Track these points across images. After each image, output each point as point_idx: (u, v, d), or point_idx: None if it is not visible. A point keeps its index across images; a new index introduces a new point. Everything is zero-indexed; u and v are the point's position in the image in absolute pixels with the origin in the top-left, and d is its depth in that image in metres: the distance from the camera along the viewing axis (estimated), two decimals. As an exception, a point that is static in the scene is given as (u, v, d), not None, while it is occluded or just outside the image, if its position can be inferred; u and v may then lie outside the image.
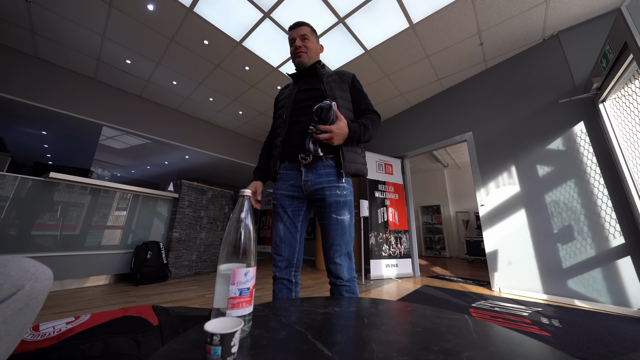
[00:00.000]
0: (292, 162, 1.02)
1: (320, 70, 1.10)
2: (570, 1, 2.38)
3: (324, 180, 0.97)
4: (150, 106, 4.24)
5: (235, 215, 0.53)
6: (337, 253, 0.93)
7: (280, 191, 1.01)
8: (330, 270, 0.94)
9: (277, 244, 0.99)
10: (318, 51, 1.17)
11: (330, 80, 1.09)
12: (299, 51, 1.09)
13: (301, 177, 0.98)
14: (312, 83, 1.10)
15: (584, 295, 2.18)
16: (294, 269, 0.99)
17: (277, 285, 0.97)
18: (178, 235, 3.29)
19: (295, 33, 1.11)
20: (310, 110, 0.96)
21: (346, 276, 0.93)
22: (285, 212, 1.00)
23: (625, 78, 1.93)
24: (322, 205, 0.97)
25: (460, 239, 6.64)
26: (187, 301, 2.10)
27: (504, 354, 0.42)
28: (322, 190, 0.96)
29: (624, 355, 1.25)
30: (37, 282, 0.53)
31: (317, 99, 1.03)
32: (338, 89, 1.07)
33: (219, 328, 0.38)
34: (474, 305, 2.12)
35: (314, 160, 0.98)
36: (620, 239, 2.08)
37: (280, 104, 1.14)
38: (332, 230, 0.94)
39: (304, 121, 1.00)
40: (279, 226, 1.00)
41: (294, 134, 1.01)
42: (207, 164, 5.78)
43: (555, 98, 2.62)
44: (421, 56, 3.14)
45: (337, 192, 0.96)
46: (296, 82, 1.14)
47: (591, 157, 2.32)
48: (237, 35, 2.88)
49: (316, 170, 0.98)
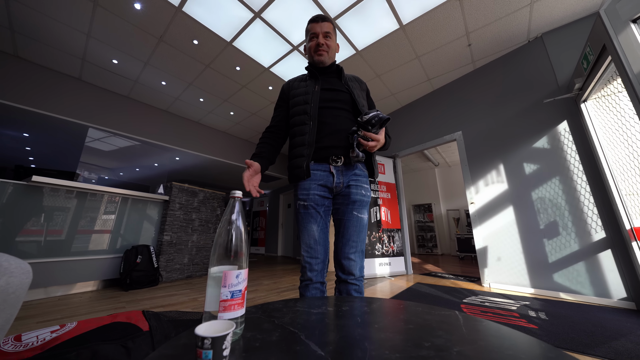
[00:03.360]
0: (320, 162, 1.00)
1: (344, 73, 1.12)
2: (553, 4, 2.46)
3: (352, 179, 1.00)
4: (139, 107, 4.15)
5: (226, 216, 0.52)
6: (352, 249, 0.94)
7: (312, 191, 0.98)
8: (343, 266, 0.94)
9: (311, 246, 0.95)
10: (336, 50, 1.16)
11: (353, 85, 1.10)
12: (321, 49, 1.07)
13: (332, 179, 0.98)
14: (334, 83, 1.09)
15: (568, 288, 2.26)
16: (325, 270, 0.98)
17: (311, 292, 0.93)
18: (169, 238, 3.23)
19: (319, 28, 1.07)
20: (337, 112, 1.01)
21: (357, 274, 0.94)
22: (319, 213, 0.97)
23: (604, 79, 2.01)
24: (344, 202, 0.98)
25: (452, 236, 6.76)
26: (179, 305, 2.06)
27: (492, 347, 0.43)
28: (347, 188, 0.98)
29: (605, 344, 1.30)
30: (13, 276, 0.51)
31: (343, 101, 1.04)
32: (360, 96, 1.08)
33: (210, 331, 0.38)
34: (465, 301, 2.16)
35: (344, 164, 1.00)
36: (602, 233, 2.16)
37: (299, 98, 1.07)
38: (351, 226, 0.96)
39: (332, 123, 1.00)
40: (312, 228, 0.96)
41: (324, 135, 1.00)
42: (198, 165, 5.69)
43: (540, 98, 2.71)
44: (411, 57, 3.19)
45: (362, 192, 0.99)
46: (316, 79, 1.10)
47: (574, 155, 2.41)
48: (227, 35, 2.85)
49: (347, 173, 1.00)
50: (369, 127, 0.92)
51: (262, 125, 5.00)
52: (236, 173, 6.25)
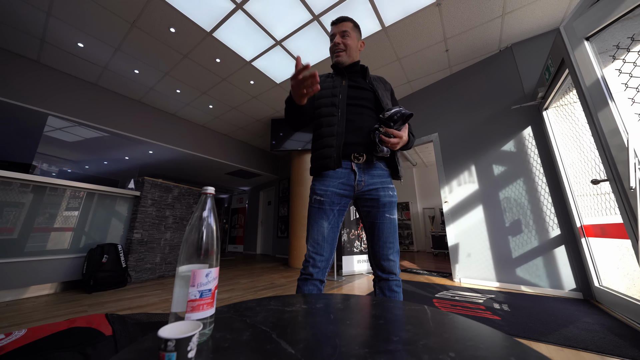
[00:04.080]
0: (342, 159, 0.99)
1: (369, 72, 1.12)
2: (522, 17, 2.63)
3: (377, 182, 0.99)
4: (108, 96, 3.86)
5: (197, 213, 0.50)
6: (390, 250, 0.96)
7: (331, 188, 0.97)
8: (384, 268, 0.96)
9: (318, 242, 0.95)
10: (358, 49, 1.14)
11: (378, 85, 1.11)
12: (337, 49, 1.08)
13: (354, 177, 0.98)
14: (360, 82, 1.09)
15: (528, 281, 2.46)
16: (328, 270, 0.99)
17: (308, 287, 0.93)
18: (140, 236, 3.05)
19: (336, 29, 1.09)
20: (361, 109, 1.02)
21: (398, 272, 0.97)
22: (332, 210, 0.97)
23: (563, 90, 2.20)
24: (374, 205, 0.98)
25: (427, 233, 7.06)
26: (149, 307, 1.96)
27: (455, 339, 0.45)
28: (375, 191, 0.98)
29: (556, 331, 1.44)
30: None
31: (367, 99, 1.05)
32: (385, 96, 1.09)
33: (174, 333, 0.36)
34: (437, 296, 2.27)
35: (366, 161, 0.99)
36: (557, 231, 2.37)
37: (328, 91, 1.07)
38: (385, 229, 0.96)
39: (357, 120, 1.01)
40: (323, 224, 0.96)
41: (348, 131, 1.00)
42: (173, 160, 5.42)
43: (508, 104, 2.89)
44: (392, 58, 3.26)
45: (389, 193, 0.99)
46: (343, 75, 1.10)
47: (536, 159, 2.61)
48: (207, 25, 2.73)
49: (368, 171, 0.99)
50: (391, 123, 0.92)
51: (243, 120, 4.87)
52: (215, 168, 6.04)
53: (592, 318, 1.65)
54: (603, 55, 1.61)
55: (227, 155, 5.51)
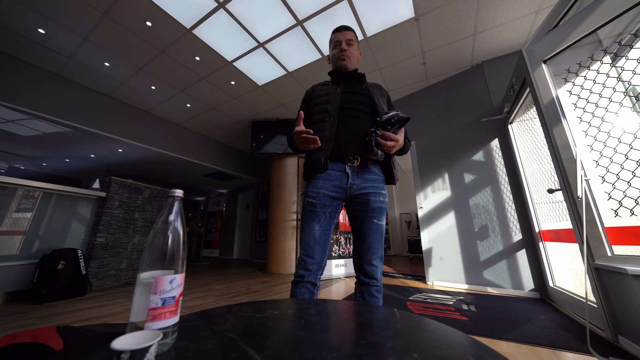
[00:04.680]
0: (335, 161, 1.01)
1: (366, 79, 1.15)
2: (491, 38, 2.85)
3: (370, 186, 1.00)
4: (73, 88, 3.57)
5: (163, 217, 0.48)
6: (374, 255, 0.96)
7: (323, 190, 0.98)
8: (366, 272, 0.97)
9: (309, 245, 0.95)
10: (358, 58, 1.21)
11: (374, 91, 1.14)
12: (343, 55, 1.13)
13: (347, 179, 0.99)
14: (355, 88, 1.13)
15: (494, 283, 2.62)
16: (321, 272, 0.97)
17: (300, 289, 0.93)
18: (104, 240, 2.83)
19: (342, 36, 1.14)
20: (356, 113, 1.04)
21: (379, 277, 0.97)
22: (324, 213, 0.98)
23: (525, 106, 2.40)
24: (363, 210, 0.98)
25: (404, 238, 7.29)
26: (111, 317, 1.81)
27: (420, 340, 0.47)
28: (367, 195, 0.98)
29: (516, 329, 1.55)
30: None
31: (363, 104, 1.08)
32: (381, 101, 1.12)
33: (130, 344, 0.34)
34: (411, 299, 2.35)
35: (360, 165, 1.00)
36: (519, 235, 2.56)
37: (321, 99, 1.11)
38: (371, 234, 0.97)
39: (351, 123, 1.03)
40: (314, 227, 0.97)
41: (342, 134, 1.02)
42: (145, 159, 5.13)
43: (478, 117, 3.10)
44: (374, 67, 3.37)
45: (380, 199, 0.99)
46: (339, 82, 1.14)
47: (502, 168, 2.81)
48: (187, 22, 2.65)
49: (362, 175, 1.00)
50: (388, 126, 0.93)
51: (222, 120, 4.74)
52: (191, 170, 5.80)
53: (546, 316, 1.80)
54: (557, 78, 1.79)
55: (205, 156, 5.32)
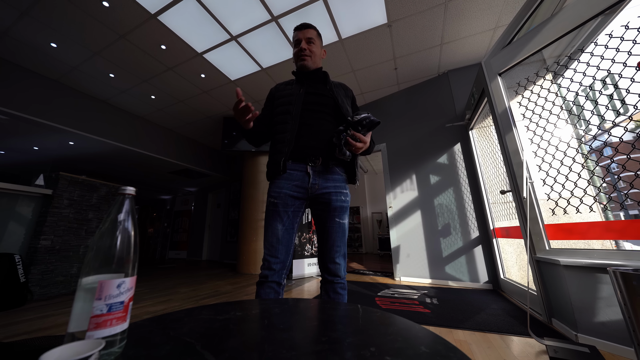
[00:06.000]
0: (297, 162, 1.01)
1: (329, 79, 1.13)
2: (456, 49, 3.06)
3: (331, 186, 1.01)
4: (10, 70, 3.13)
5: (111, 216, 0.44)
6: (337, 253, 0.98)
7: (284, 190, 0.99)
8: (329, 270, 0.98)
9: (272, 245, 0.96)
10: (321, 56, 1.18)
11: (338, 91, 1.12)
12: (303, 54, 1.10)
13: (308, 179, 1.00)
14: (319, 88, 1.11)
15: (454, 277, 2.83)
16: (285, 272, 0.97)
17: (265, 290, 0.93)
18: (49, 243, 2.53)
19: (302, 34, 1.11)
20: (319, 115, 1.04)
21: (343, 274, 0.99)
22: (286, 212, 0.98)
23: (483, 114, 2.62)
24: (325, 209, 1.00)
25: (375, 236, 7.54)
26: (56, 329, 1.62)
27: (378, 334, 0.49)
28: (328, 195, 1.00)
29: (471, 318, 1.69)
30: None
31: (326, 105, 1.07)
32: (345, 102, 1.11)
33: (65, 355, 0.31)
34: (379, 294, 2.44)
35: (322, 165, 1.01)
36: (477, 232, 2.80)
37: (283, 100, 1.10)
38: (334, 232, 0.99)
39: (313, 124, 1.03)
40: (277, 226, 0.97)
41: (303, 136, 1.02)
42: (103, 153, 4.67)
43: (444, 122, 3.32)
44: (347, 70, 3.43)
45: (341, 198, 1.01)
46: (302, 83, 1.12)
47: (463, 171, 3.04)
48: (151, 6, 2.46)
49: (324, 175, 1.01)
50: (359, 127, 0.94)
51: (191, 114, 4.49)
52: (156, 167, 5.41)
53: (497, 305, 1.99)
54: (510, 90, 1.98)
55: (172, 152, 5.00)
